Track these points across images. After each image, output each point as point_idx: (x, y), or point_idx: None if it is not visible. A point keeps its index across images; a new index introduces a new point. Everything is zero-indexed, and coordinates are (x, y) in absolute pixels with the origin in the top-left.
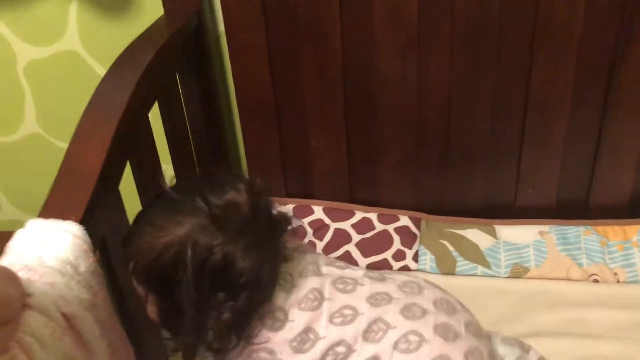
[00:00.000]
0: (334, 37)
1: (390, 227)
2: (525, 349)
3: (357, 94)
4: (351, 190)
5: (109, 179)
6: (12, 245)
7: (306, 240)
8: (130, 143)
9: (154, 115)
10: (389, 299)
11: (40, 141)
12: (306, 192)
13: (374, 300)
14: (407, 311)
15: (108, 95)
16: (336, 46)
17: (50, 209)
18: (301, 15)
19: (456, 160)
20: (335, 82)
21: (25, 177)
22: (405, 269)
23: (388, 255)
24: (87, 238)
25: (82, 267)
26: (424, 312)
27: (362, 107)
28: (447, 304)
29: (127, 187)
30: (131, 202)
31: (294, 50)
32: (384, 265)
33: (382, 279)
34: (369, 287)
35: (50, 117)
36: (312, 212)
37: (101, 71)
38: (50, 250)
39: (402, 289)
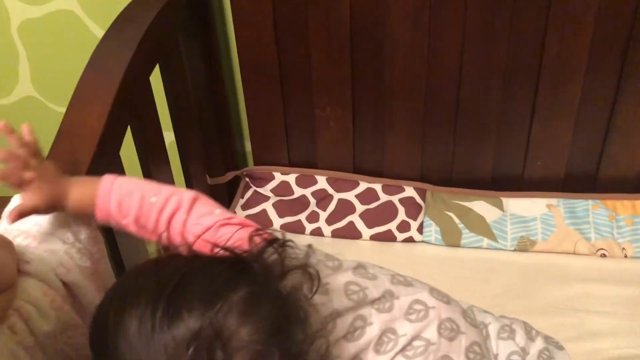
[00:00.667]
0: None
1: (395, 198)
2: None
3: (365, 60)
4: (355, 160)
5: (109, 144)
6: (9, 210)
7: (309, 210)
8: (131, 107)
9: (155, 79)
10: (395, 339)
11: (35, 104)
12: (310, 161)
13: (380, 345)
14: (409, 349)
15: (108, 56)
16: (344, 9)
17: None
18: None
19: (465, 130)
20: (342, 48)
21: None
22: (410, 240)
23: (392, 226)
24: None
25: (83, 234)
26: (427, 345)
27: (369, 74)
28: (451, 327)
29: (127, 152)
30: (131, 168)
31: (300, 13)
32: (388, 236)
33: (390, 308)
34: (377, 325)
35: (45, 79)
36: (315, 182)
37: (98, 32)
38: (50, 217)
39: (407, 315)
